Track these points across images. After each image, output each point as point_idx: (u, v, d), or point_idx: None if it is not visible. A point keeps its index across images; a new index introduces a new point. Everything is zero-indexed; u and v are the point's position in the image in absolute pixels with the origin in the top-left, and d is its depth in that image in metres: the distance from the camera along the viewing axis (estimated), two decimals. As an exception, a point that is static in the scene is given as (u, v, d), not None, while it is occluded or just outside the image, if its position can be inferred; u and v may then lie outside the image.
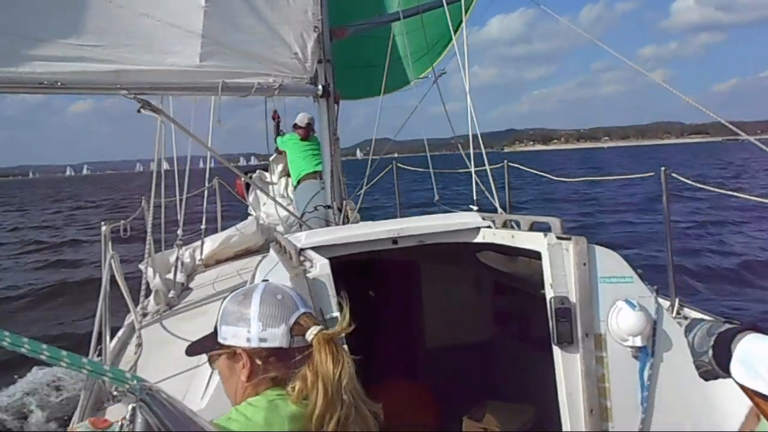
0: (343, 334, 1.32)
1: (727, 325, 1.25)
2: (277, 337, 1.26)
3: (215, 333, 1.33)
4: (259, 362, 1.27)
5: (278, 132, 6.89)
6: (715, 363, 1.22)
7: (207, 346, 1.37)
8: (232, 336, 1.29)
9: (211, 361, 1.39)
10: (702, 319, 1.31)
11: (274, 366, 1.27)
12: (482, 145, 4.38)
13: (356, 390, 1.26)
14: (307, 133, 6.31)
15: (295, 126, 6.42)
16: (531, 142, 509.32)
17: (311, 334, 1.26)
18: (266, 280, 1.42)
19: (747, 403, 1.17)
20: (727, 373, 1.20)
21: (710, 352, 1.23)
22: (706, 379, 1.29)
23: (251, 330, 1.26)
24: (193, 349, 1.42)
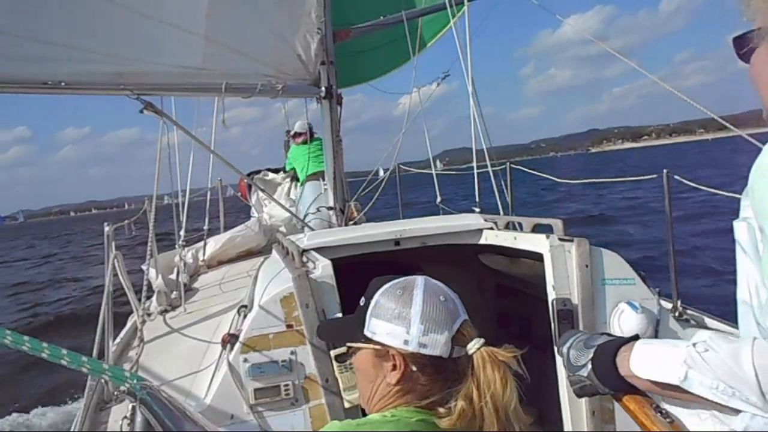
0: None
1: (605, 337, 1.18)
2: (438, 344, 1.11)
3: (361, 322, 1.18)
4: (414, 368, 1.12)
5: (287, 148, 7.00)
6: (596, 378, 1.14)
7: (349, 336, 1.21)
8: (386, 333, 1.14)
9: (349, 352, 1.24)
10: (579, 331, 1.28)
11: (429, 376, 1.13)
12: (487, 150, 4.38)
13: (523, 420, 1.11)
14: (309, 137, 6.45)
15: (296, 135, 6.57)
16: (620, 141, 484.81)
17: (474, 347, 1.13)
18: (424, 275, 1.23)
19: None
20: (607, 389, 1.13)
21: (589, 365, 1.16)
22: (580, 396, 1.20)
23: (411, 331, 1.12)
24: (327, 333, 1.27)
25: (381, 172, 6.86)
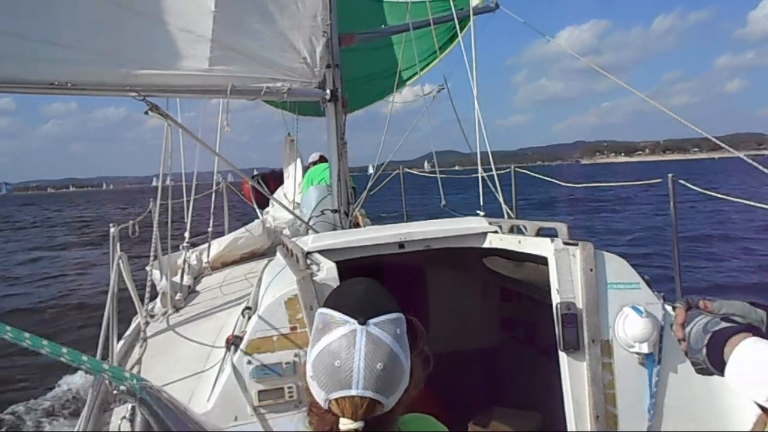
0: None
1: (724, 324, 1.22)
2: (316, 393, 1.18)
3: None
4: None
5: None
6: (709, 362, 1.20)
7: None
8: None
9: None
10: (701, 312, 1.29)
11: None
12: (490, 153, 4.38)
13: None
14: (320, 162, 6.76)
15: (312, 164, 6.99)
16: (613, 154, 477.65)
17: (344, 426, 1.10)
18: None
19: (755, 411, 1.15)
20: (720, 373, 1.19)
21: (704, 350, 1.21)
22: (703, 375, 1.28)
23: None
24: None
25: (371, 169, 6.94)
